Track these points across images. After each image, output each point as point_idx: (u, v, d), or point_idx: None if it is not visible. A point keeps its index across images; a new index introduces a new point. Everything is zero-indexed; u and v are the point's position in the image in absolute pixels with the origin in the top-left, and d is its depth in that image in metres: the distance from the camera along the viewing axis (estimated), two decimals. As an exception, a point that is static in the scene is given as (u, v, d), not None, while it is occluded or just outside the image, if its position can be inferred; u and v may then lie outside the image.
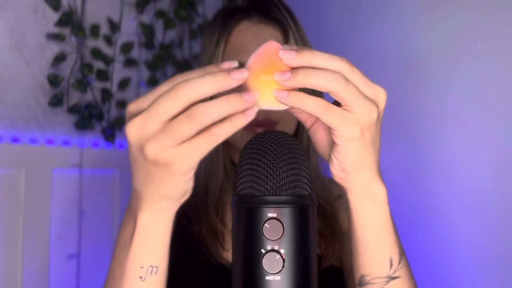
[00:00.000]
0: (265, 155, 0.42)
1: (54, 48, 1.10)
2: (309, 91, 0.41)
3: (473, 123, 0.99)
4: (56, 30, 1.10)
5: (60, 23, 1.10)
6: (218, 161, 0.77)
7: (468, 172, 1.00)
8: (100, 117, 1.18)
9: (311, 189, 0.44)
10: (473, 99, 0.99)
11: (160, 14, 1.34)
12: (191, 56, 1.43)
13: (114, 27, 1.22)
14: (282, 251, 0.40)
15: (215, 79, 0.38)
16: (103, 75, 1.19)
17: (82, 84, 1.13)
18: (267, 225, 0.40)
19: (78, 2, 1.14)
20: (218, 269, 0.69)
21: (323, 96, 0.42)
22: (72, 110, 1.12)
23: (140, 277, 0.47)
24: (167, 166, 0.40)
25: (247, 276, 0.40)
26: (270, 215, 0.40)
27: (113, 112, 1.22)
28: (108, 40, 1.21)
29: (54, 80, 1.08)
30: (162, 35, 1.36)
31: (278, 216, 0.40)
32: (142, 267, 0.47)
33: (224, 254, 0.71)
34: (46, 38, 1.08)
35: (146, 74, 1.32)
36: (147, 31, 1.30)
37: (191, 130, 0.38)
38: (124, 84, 1.25)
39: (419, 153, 1.09)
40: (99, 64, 1.19)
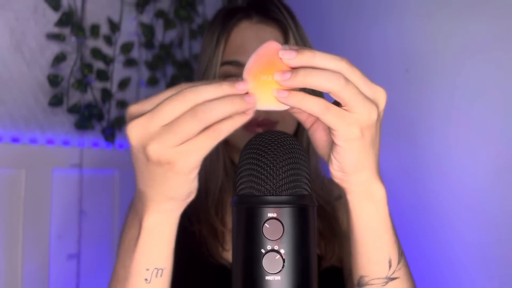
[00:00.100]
0: (265, 155, 0.42)
1: (54, 48, 1.10)
2: (308, 91, 0.41)
3: (473, 123, 0.99)
4: (56, 30, 1.10)
5: (60, 23, 1.10)
6: (218, 161, 0.77)
7: (468, 172, 1.00)
8: (100, 117, 1.18)
9: (311, 189, 0.44)
10: (473, 99, 1.00)
11: (160, 14, 1.34)
12: (191, 56, 1.43)
13: (114, 27, 1.22)
14: (282, 251, 0.40)
15: (220, 88, 0.40)
16: (103, 75, 1.19)
17: (82, 84, 1.13)
18: (267, 225, 0.40)
19: (78, 2, 1.14)
20: (218, 269, 0.69)
21: (323, 96, 0.42)
22: (72, 110, 1.12)
23: (146, 279, 0.47)
24: (170, 165, 0.40)
25: (247, 276, 0.40)
26: (270, 215, 0.40)
27: (113, 112, 1.22)
28: (108, 40, 1.21)
29: (54, 80, 1.08)
30: (162, 35, 1.36)
31: (278, 216, 0.40)
32: (147, 270, 0.47)
33: (224, 254, 0.71)
34: (46, 38, 1.08)
35: (146, 74, 1.32)
36: (147, 31, 1.30)
37: (195, 128, 0.38)
38: (124, 84, 1.25)
39: (419, 153, 1.09)
40: (99, 64, 1.19)
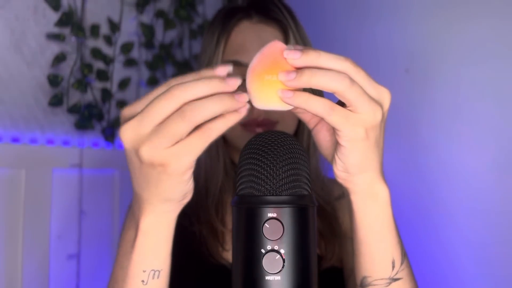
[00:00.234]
0: (265, 155, 0.42)
1: (54, 48, 1.10)
2: (309, 91, 0.41)
3: (474, 122, 0.99)
4: (56, 30, 1.10)
5: (60, 23, 1.10)
6: (218, 161, 0.77)
7: (470, 171, 1.00)
8: (100, 117, 1.18)
9: (311, 189, 0.44)
10: (474, 99, 0.99)
11: (160, 14, 1.34)
12: (191, 56, 1.43)
13: (114, 27, 1.22)
14: (282, 251, 0.40)
15: (209, 84, 0.39)
16: (103, 75, 1.19)
17: (82, 84, 1.13)
18: (267, 225, 0.40)
19: (78, 2, 1.14)
20: (218, 269, 0.69)
21: (323, 95, 0.42)
22: (72, 110, 1.12)
23: (142, 281, 0.47)
24: (163, 167, 0.39)
25: (247, 276, 0.40)
26: (270, 215, 0.40)
27: (113, 112, 1.22)
28: (108, 40, 1.21)
29: (54, 80, 1.08)
30: (162, 35, 1.36)
31: (278, 216, 0.40)
32: (144, 271, 0.47)
33: (224, 254, 0.71)
34: (46, 38, 1.08)
35: (146, 74, 1.32)
36: (147, 31, 1.30)
37: (184, 128, 0.38)
38: (124, 84, 1.25)
39: (421, 152, 1.09)
40: (99, 64, 1.19)
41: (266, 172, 0.41)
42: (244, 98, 0.39)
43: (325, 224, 0.74)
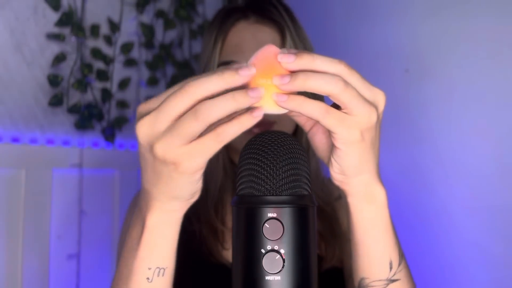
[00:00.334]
0: (265, 155, 0.42)
1: (54, 48, 1.10)
2: (308, 95, 0.41)
3: (474, 122, 0.99)
4: (56, 30, 1.10)
5: (60, 23, 1.10)
6: (217, 161, 0.77)
7: (469, 172, 1.00)
8: (100, 117, 1.18)
9: (311, 189, 0.44)
10: (473, 99, 1.00)
11: (160, 14, 1.34)
12: (191, 56, 1.43)
13: (114, 27, 1.22)
14: (282, 251, 0.40)
15: (222, 76, 0.38)
16: (103, 75, 1.19)
17: (82, 84, 1.13)
18: (267, 225, 0.40)
19: (78, 2, 1.14)
20: (218, 268, 0.70)
21: (323, 99, 0.42)
22: (72, 110, 1.12)
23: (147, 278, 0.47)
24: (175, 165, 0.40)
25: (247, 276, 0.40)
26: (270, 215, 0.40)
27: (113, 112, 1.22)
28: (108, 40, 1.21)
29: (54, 80, 1.08)
30: (162, 35, 1.36)
31: (278, 216, 0.40)
32: (149, 269, 0.47)
33: (224, 253, 0.71)
34: (46, 38, 1.08)
35: (146, 74, 1.32)
36: (147, 31, 1.30)
37: (197, 128, 0.38)
38: (124, 84, 1.25)
39: (420, 153, 1.09)
40: (99, 64, 1.19)
41: (266, 172, 0.41)
42: (258, 92, 0.38)
43: (325, 225, 0.74)
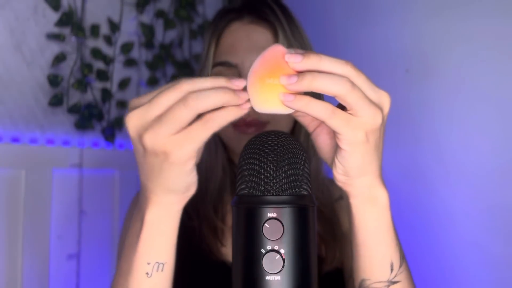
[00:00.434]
0: (265, 155, 0.42)
1: (54, 48, 1.10)
2: (308, 94, 0.41)
3: (474, 122, 0.99)
4: (56, 30, 1.10)
5: (60, 23, 1.10)
6: (216, 160, 0.77)
7: (470, 172, 1.00)
8: (100, 117, 1.18)
9: (311, 189, 0.44)
10: (474, 99, 1.00)
11: (160, 14, 1.34)
12: (191, 56, 1.43)
13: (114, 27, 1.22)
14: (282, 251, 0.40)
15: (216, 80, 0.41)
16: (103, 75, 1.19)
17: (82, 84, 1.13)
18: (267, 225, 0.40)
19: (78, 2, 1.14)
20: (216, 265, 0.70)
21: (323, 99, 0.42)
22: (72, 110, 1.12)
23: (147, 273, 0.48)
24: (165, 155, 0.41)
25: (247, 276, 0.40)
26: (270, 215, 0.40)
27: (113, 112, 1.22)
28: (108, 40, 1.21)
29: (54, 80, 1.08)
30: (162, 35, 1.36)
31: (278, 216, 0.40)
32: (148, 264, 0.48)
33: (223, 251, 0.71)
34: (46, 38, 1.08)
35: (146, 74, 1.32)
36: (147, 31, 1.30)
37: (186, 115, 0.39)
38: (124, 84, 1.25)
39: (420, 153, 1.09)
40: (99, 64, 1.19)
41: (266, 172, 0.41)
42: (246, 96, 0.41)
43: (325, 228, 0.74)
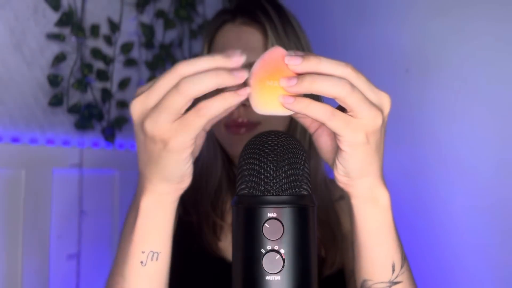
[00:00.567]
0: (265, 155, 0.42)
1: (54, 48, 1.10)
2: (307, 96, 0.41)
3: (474, 122, 0.99)
4: (56, 30, 1.10)
5: (60, 23, 1.10)
6: (215, 158, 0.78)
7: (470, 172, 1.00)
8: (100, 117, 1.18)
9: (311, 189, 0.44)
10: (474, 99, 1.00)
11: (160, 14, 1.34)
12: (191, 56, 1.43)
13: (114, 27, 1.22)
14: (282, 251, 0.40)
15: (212, 57, 0.40)
16: (103, 75, 1.19)
17: (82, 84, 1.13)
18: (267, 225, 0.40)
19: (78, 2, 1.14)
20: (213, 260, 0.70)
21: (322, 100, 0.42)
22: (72, 110, 1.12)
23: (141, 262, 0.48)
24: (163, 143, 0.41)
25: (247, 276, 0.40)
26: (270, 215, 0.40)
27: (113, 112, 1.22)
28: (108, 40, 1.21)
29: (54, 80, 1.08)
30: (162, 35, 1.36)
31: (278, 216, 0.40)
32: (143, 252, 0.48)
33: (220, 246, 0.71)
34: (46, 38, 1.08)
35: (146, 74, 1.32)
36: (147, 31, 1.30)
37: (180, 102, 0.39)
38: (124, 84, 1.25)
39: (421, 153, 1.09)
40: (99, 64, 1.19)
41: (266, 172, 0.41)
42: (243, 74, 0.40)
43: (326, 233, 0.74)
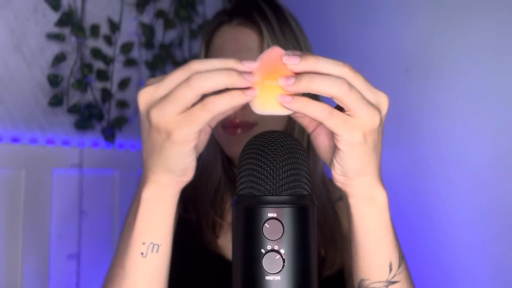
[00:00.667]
0: (265, 155, 0.42)
1: (54, 48, 1.10)
2: (307, 96, 0.41)
3: (474, 122, 0.99)
4: (56, 30, 1.10)
5: (60, 23, 1.10)
6: (215, 157, 0.78)
7: (470, 171, 1.00)
8: (100, 117, 1.18)
9: (311, 189, 0.44)
10: (474, 99, 1.00)
11: (160, 14, 1.34)
12: (191, 56, 1.43)
13: (114, 27, 1.22)
14: (282, 251, 0.40)
15: (226, 60, 0.41)
16: (103, 75, 1.19)
17: (82, 84, 1.13)
18: (267, 225, 0.40)
19: (78, 2, 1.14)
20: (212, 257, 0.70)
21: (321, 100, 0.42)
22: (72, 110, 1.12)
23: (142, 253, 0.48)
24: (167, 134, 0.41)
25: (247, 276, 0.40)
26: (270, 215, 0.40)
27: (113, 112, 1.22)
28: (108, 40, 1.21)
29: (54, 80, 1.08)
30: (162, 35, 1.36)
31: (278, 216, 0.40)
32: (143, 244, 0.48)
33: (219, 243, 0.72)
34: (46, 38, 1.08)
35: (146, 74, 1.32)
36: (147, 31, 1.30)
37: (189, 95, 0.40)
38: (124, 84, 1.25)
39: (420, 153, 1.09)
40: (99, 64, 1.19)
41: (266, 172, 0.41)
42: (253, 77, 0.41)
43: (326, 232, 0.74)
